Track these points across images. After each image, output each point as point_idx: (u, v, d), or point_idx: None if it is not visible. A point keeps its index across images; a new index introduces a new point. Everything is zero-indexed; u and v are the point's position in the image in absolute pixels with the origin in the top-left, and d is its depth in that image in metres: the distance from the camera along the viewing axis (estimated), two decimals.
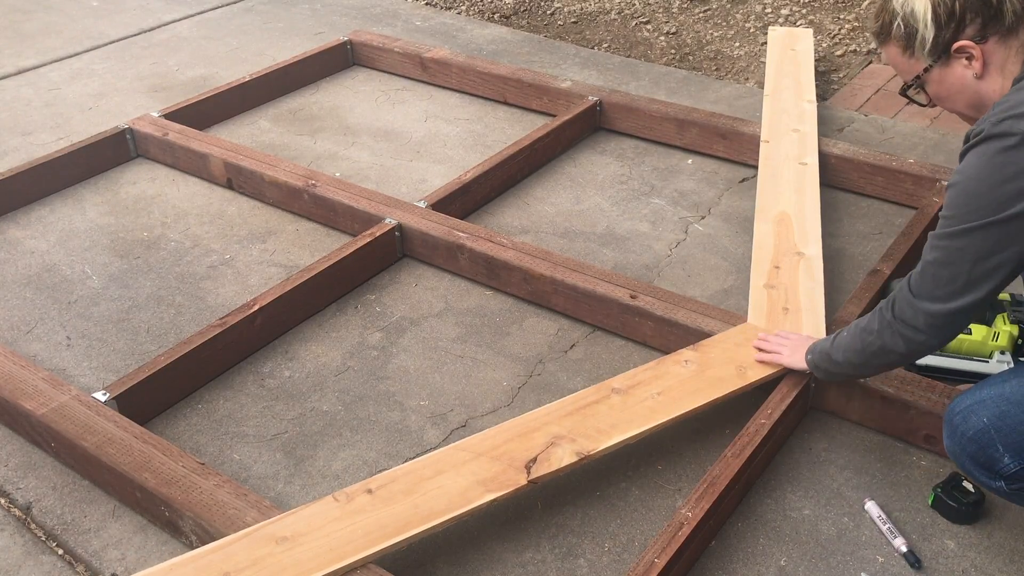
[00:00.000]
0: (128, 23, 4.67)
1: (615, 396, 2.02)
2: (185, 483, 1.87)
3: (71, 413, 2.05)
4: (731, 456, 1.89)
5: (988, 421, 1.61)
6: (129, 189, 3.20)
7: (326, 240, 2.88)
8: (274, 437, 2.17)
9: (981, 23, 1.51)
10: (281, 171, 3.01)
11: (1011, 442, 1.59)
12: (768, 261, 2.46)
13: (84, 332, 2.53)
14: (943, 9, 1.52)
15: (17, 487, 2.05)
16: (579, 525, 1.91)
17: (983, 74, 1.55)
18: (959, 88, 1.59)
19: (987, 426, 1.61)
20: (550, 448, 1.90)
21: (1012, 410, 1.59)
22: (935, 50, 1.56)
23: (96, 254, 2.86)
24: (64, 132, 3.59)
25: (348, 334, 2.49)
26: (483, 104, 3.70)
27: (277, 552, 1.70)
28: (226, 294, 2.66)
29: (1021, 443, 1.58)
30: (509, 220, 2.96)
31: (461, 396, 2.27)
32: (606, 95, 3.42)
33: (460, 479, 1.84)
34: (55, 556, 1.90)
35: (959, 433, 1.66)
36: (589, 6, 4.76)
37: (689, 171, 3.19)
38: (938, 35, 1.54)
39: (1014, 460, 1.59)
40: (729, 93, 3.72)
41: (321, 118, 3.65)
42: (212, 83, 3.92)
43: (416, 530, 1.74)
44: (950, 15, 1.52)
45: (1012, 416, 1.59)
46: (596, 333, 2.46)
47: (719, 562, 1.82)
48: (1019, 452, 1.59)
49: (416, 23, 4.58)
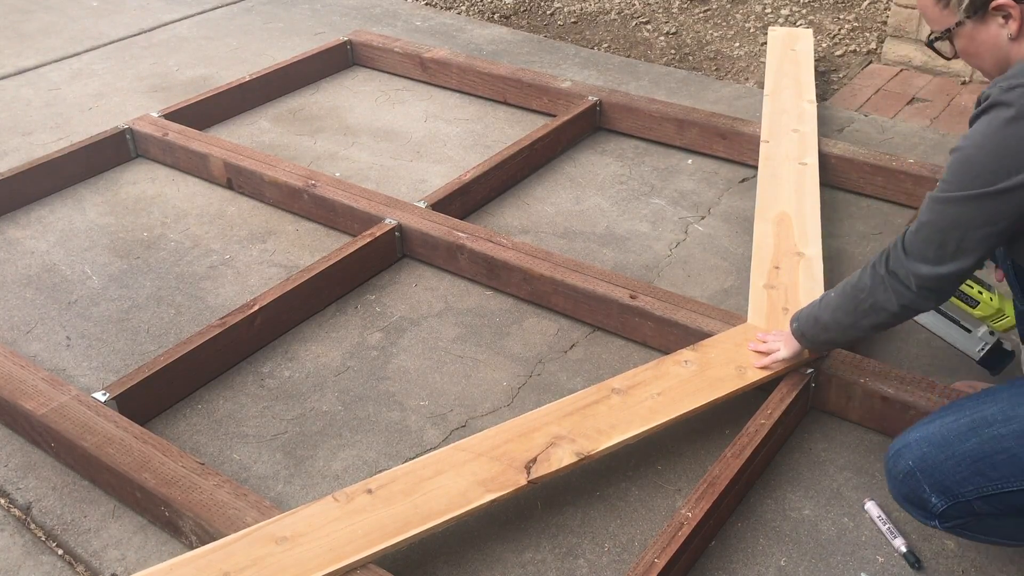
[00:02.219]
0: (128, 23, 4.67)
1: (615, 396, 2.02)
2: (185, 483, 1.87)
3: (71, 413, 2.05)
4: (731, 456, 1.89)
5: (913, 464, 1.63)
6: (129, 189, 3.20)
7: (326, 240, 2.88)
8: (274, 437, 2.17)
9: None
10: (281, 171, 3.01)
11: (935, 483, 1.60)
12: (768, 261, 2.46)
13: (84, 332, 2.53)
14: None
15: (17, 487, 2.05)
16: (579, 525, 1.91)
17: (1018, 35, 1.53)
18: (990, 47, 1.58)
19: (912, 468, 1.63)
20: (550, 448, 1.90)
21: (932, 451, 1.61)
22: (973, 5, 1.55)
23: (96, 254, 2.86)
24: (64, 132, 3.59)
25: (348, 334, 2.49)
26: (483, 104, 3.70)
27: (277, 552, 1.70)
28: (226, 294, 2.66)
29: (943, 483, 1.59)
30: (509, 220, 2.96)
31: (461, 396, 2.27)
32: (606, 95, 3.42)
33: (460, 479, 1.84)
34: (55, 556, 1.90)
35: (892, 475, 1.69)
36: (589, 6, 4.76)
37: (689, 171, 3.19)
38: None
39: (941, 500, 1.60)
40: (729, 93, 3.72)
41: (321, 118, 3.65)
42: (212, 83, 3.92)
43: (416, 530, 1.74)
44: None
45: (932, 457, 1.60)
46: (596, 333, 2.46)
47: (719, 562, 1.82)
48: (944, 492, 1.59)
49: (416, 23, 4.58)
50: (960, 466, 1.57)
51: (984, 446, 1.54)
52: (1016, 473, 1.52)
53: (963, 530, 1.65)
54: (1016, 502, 1.54)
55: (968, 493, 1.57)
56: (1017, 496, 1.53)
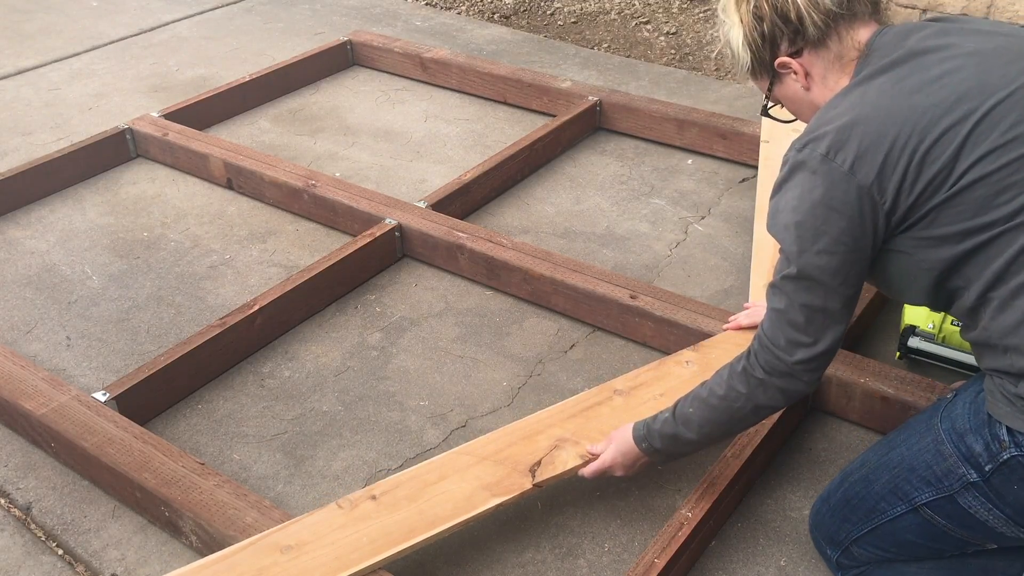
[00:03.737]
0: (128, 23, 4.67)
1: (617, 398, 2.02)
2: (185, 483, 1.87)
3: (71, 413, 2.05)
4: (731, 456, 1.89)
5: (810, 520, 1.78)
6: (129, 189, 3.20)
7: (326, 240, 2.88)
8: (274, 437, 2.17)
9: (790, 39, 1.54)
10: (281, 171, 3.01)
11: (823, 535, 1.72)
12: (768, 261, 2.46)
13: (84, 332, 2.52)
14: (756, 32, 1.56)
15: (17, 487, 2.05)
16: (579, 525, 1.91)
17: (809, 86, 1.57)
18: (798, 101, 1.61)
19: (810, 525, 1.78)
20: (554, 451, 1.89)
21: (819, 505, 1.74)
22: (764, 70, 1.60)
23: (96, 254, 2.86)
24: (64, 132, 3.59)
25: (348, 334, 2.49)
26: (483, 104, 3.70)
27: (282, 561, 1.68)
28: (226, 294, 2.66)
29: (828, 533, 1.70)
30: (509, 220, 2.96)
31: (461, 396, 2.27)
32: (606, 95, 3.42)
33: (465, 484, 1.83)
34: (55, 556, 1.90)
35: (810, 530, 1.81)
36: (589, 6, 4.76)
37: (689, 171, 3.19)
38: (758, 56, 1.58)
39: (833, 550, 1.70)
40: (729, 93, 3.72)
41: (321, 118, 3.65)
42: (212, 83, 3.92)
43: (422, 537, 1.73)
44: (762, 37, 1.56)
45: (819, 511, 1.74)
46: (596, 333, 2.46)
47: (719, 562, 1.82)
48: (831, 542, 1.70)
49: (416, 23, 4.58)
50: (834, 515, 1.68)
51: (846, 493, 1.65)
52: (867, 514, 1.61)
53: None
54: (877, 543, 1.61)
55: (844, 540, 1.66)
56: (873, 536, 1.61)
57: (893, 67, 1.46)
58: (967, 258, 1.42)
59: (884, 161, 1.40)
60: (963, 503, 1.46)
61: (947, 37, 1.48)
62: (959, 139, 1.37)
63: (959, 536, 1.52)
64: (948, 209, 1.40)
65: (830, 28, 1.51)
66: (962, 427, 1.47)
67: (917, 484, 1.51)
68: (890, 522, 1.57)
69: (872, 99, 1.44)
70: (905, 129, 1.39)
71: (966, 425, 1.46)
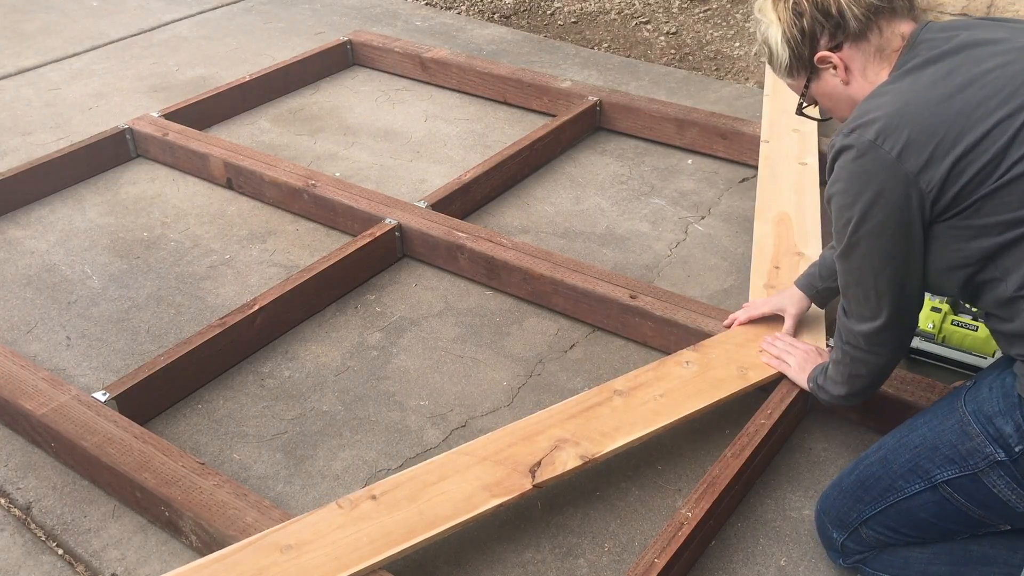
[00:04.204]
0: (128, 23, 4.67)
1: (617, 398, 2.02)
2: (185, 483, 1.87)
3: (71, 413, 2.05)
4: (731, 456, 1.89)
5: (819, 506, 1.80)
6: (129, 189, 3.20)
7: (326, 240, 2.88)
8: (274, 437, 2.17)
9: (830, 33, 1.57)
10: (281, 171, 3.01)
11: (832, 518, 1.75)
12: (768, 261, 2.46)
13: (84, 332, 2.52)
14: (796, 29, 1.58)
15: (17, 487, 2.05)
16: (579, 525, 1.91)
17: (848, 80, 1.60)
18: (836, 97, 1.64)
19: (819, 510, 1.80)
20: (554, 452, 1.89)
21: (831, 491, 1.77)
22: (803, 66, 1.62)
23: (96, 254, 2.86)
24: (64, 132, 3.59)
25: (348, 334, 2.49)
26: (483, 104, 3.70)
27: (282, 561, 1.68)
28: (226, 294, 2.66)
29: (838, 516, 1.73)
30: (509, 220, 2.96)
31: (461, 396, 2.27)
32: (606, 95, 3.42)
33: (465, 484, 1.83)
34: (55, 556, 1.90)
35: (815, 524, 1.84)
36: (589, 6, 4.76)
37: (689, 171, 3.19)
38: (798, 53, 1.61)
39: (839, 533, 1.73)
40: (729, 93, 3.72)
41: (321, 118, 3.65)
42: (212, 83, 3.92)
43: (421, 537, 1.73)
44: (802, 33, 1.58)
45: (830, 496, 1.77)
46: (596, 333, 2.46)
47: (719, 562, 1.82)
48: (839, 524, 1.73)
49: (416, 23, 4.58)
50: (845, 496, 1.71)
51: (861, 474, 1.68)
52: (882, 493, 1.63)
53: (863, 566, 1.73)
54: (888, 523, 1.63)
55: (854, 521, 1.69)
56: (885, 515, 1.63)
57: (943, 58, 1.48)
58: (1006, 249, 1.44)
59: (933, 152, 1.43)
60: (987, 482, 1.49)
61: (998, 32, 1.50)
62: (1010, 132, 1.40)
63: (976, 516, 1.54)
64: (993, 200, 1.42)
65: (871, 21, 1.54)
66: (990, 410, 1.49)
67: (940, 462, 1.54)
68: (906, 499, 1.59)
69: (923, 89, 1.46)
70: (958, 122, 1.42)
71: (995, 407, 1.49)
